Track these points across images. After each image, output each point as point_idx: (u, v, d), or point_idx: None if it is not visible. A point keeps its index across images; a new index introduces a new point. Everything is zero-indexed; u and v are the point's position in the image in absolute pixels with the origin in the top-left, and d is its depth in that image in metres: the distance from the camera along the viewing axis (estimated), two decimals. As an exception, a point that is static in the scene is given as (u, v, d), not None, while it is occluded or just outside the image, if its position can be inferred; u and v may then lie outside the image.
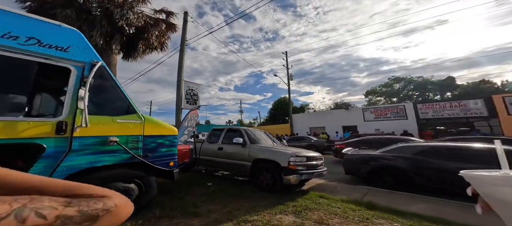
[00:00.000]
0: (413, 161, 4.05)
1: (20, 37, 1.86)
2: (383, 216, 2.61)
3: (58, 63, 2.06)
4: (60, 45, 2.07)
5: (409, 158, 4.14)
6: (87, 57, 2.22)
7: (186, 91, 8.69)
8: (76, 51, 2.16)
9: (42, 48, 1.97)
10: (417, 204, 3.12)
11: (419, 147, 4.28)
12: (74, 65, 2.14)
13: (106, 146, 2.22)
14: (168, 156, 2.80)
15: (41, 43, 1.96)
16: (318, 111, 29.06)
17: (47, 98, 2.77)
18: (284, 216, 2.62)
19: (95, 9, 6.87)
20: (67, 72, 2.11)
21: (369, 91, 37.36)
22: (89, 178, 2.16)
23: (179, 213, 2.63)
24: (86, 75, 2.12)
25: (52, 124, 1.97)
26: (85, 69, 2.17)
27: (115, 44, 6.87)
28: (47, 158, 1.89)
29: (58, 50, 2.05)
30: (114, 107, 2.41)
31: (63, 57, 2.08)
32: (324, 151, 12.03)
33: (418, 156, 4.08)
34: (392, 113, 16.76)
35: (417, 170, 3.95)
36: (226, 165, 4.71)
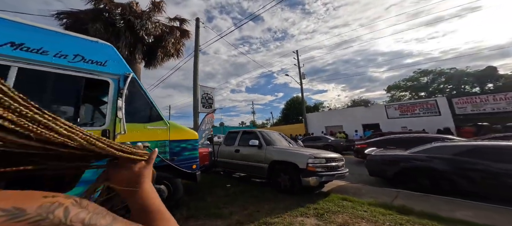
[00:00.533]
0: (454, 162, 3.60)
1: (69, 55, 2.06)
2: (421, 222, 2.33)
3: (99, 77, 2.26)
4: (100, 60, 2.26)
5: (449, 158, 3.68)
6: (121, 69, 2.40)
7: (202, 96, 8.99)
8: (112, 65, 2.34)
9: (86, 64, 2.16)
10: (462, 210, 2.74)
11: (462, 147, 3.78)
12: (112, 78, 2.33)
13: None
14: (191, 159, 2.92)
15: (85, 59, 2.16)
16: (334, 110, 27.86)
17: (92, 109, 3.10)
18: (306, 219, 2.50)
19: (119, 21, 7.51)
20: (106, 85, 2.31)
21: (392, 86, 34.63)
22: None
23: (203, 214, 2.69)
24: (121, 87, 2.30)
25: (99, 133, 2.15)
26: (120, 81, 2.36)
27: (138, 54, 7.45)
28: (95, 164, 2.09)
29: (99, 65, 2.24)
30: (144, 115, 2.58)
31: (103, 71, 2.27)
32: (343, 151, 11.41)
33: (461, 156, 3.61)
34: (421, 108, 15.31)
35: (460, 172, 3.49)
36: (243, 167, 4.72)
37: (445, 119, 13.93)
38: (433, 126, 13.26)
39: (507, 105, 12.16)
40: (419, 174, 3.91)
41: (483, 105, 12.98)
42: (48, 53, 1.93)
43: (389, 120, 16.46)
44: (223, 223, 2.42)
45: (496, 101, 12.58)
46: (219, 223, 2.42)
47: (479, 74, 27.65)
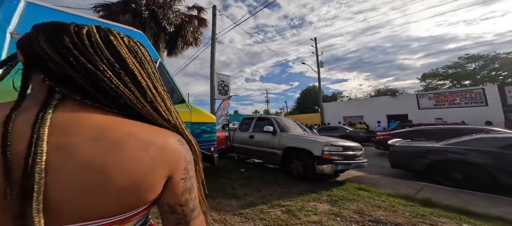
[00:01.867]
0: (498, 156, 3.15)
1: None
2: (447, 215, 2.14)
3: None
4: None
5: (492, 152, 3.23)
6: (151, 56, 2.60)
7: (218, 83, 9.22)
8: None
9: None
10: (500, 207, 2.43)
11: (508, 139, 3.28)
12: None
13: None
14: (209, 141, 3.09)
15: None
16: (354, 99, 26.03)
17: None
18: (319, 204, 2.50)
19: (144, 12, 7.99)
20: None
21: (428, 74, 30.60)
22: None
23: (220, 194, 2.87)
24: None
25: None
26: None
27: (161, 43, 7.96)
28: None
29: None
30: (170, 98, 2.78)
31: None
32: (362, 142, 10.77)
33: (508, 150, 3.14)
34: (463, 98, 13.38)
35: (505, 167, 3.05)
36: (257, 153, 4.82)
37: (493, 110, 12.00)
38: (476, 117, 11.57)
39: None
40: (453, 168, 3.53)
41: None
42: None
43: (420, 110, 14.83)
44: (238, 203, 2.55)
45: None
46: (234, 203, 2.56)
47: (546, 58, 22.63)
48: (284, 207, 2.37)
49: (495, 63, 25.90)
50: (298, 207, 2.34)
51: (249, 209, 2.32)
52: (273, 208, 2.36)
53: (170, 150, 0.35)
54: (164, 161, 0.33)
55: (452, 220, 2.03)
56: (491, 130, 5.31)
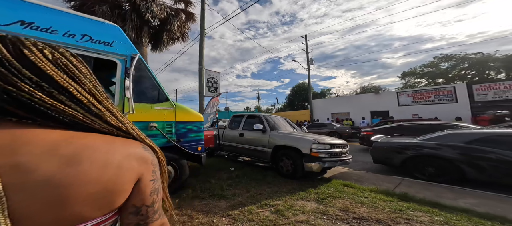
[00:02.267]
0: (465, 150, 3.47)
1: (77, 35, 2.08)
2: (421, 209, 2.33)
3: (107, 57, 2.29)
4: (107, 41, 2.28)
5: (460, 146, 3.55)
6: (128, 50, 2.42)
7: (207, 80, 8.99)
8: (119, 46, 2.36)
9: (94, 44, 2.19)
10: (467, 199, 2.70)
11: (475, 134, 3.61)
12: (119, 58, 2.36)
13: (148, 131, 2.48)
14: (196, 141, 3.00)
15: (92, 39, 2.18)
16: (342, 96, 27.05)
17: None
18: (307, 202, 2.58)
19: (125, 4, 7.38)
20: (113, 65, 2.35)
21: (407, 72, 32.68)
22: None
23: (208, 195, 2.83)
24: (128, 67, 2.34)
25: None
26: (127, 61, 2.39)
27: (144, 37, 7.43)
28: None
29: (106, 45, 2.27)
30: (151, 95, 2.64)
31: (110, 52, 2.30)
32: (348, 138, 11.30)
33: (473, 144, 3.46)
34: (437, 95, 14.48)
35: (471, 160, 3.38)
36: (247, 151, 4.82)
37: (462, 107, 13.18)
38: (447, 113, 12.64)
39: (535, 93, 11.22)
40: (426, 163, 3.83)
41: (507, 92, 12.04)
42: (57, 32, 1.95)
43: (400, 107, 15.82)
44: (226, 204, 2.54)
45: (523, 88, 11.62)
46: (222, 204, 2.54)
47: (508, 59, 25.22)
48: (273, 207, 2.41)
49: (464, 63, 28.33)
50: (287, 206, 2.40)
51: (238, 210, 2.33)
52: (262, 208, 2.39)
53: (135, 155, 0.36)
54: (131, 166, 0.35)
55: (425, 214, 2.22)
56: (460, 126, 5.84)
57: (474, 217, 2.16)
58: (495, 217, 2.14)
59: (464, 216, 2.18)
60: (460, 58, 28.93)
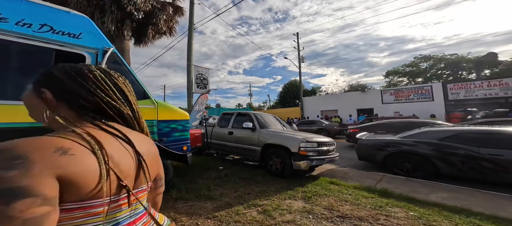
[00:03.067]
0: (438, 147, 3.74)
1: (34, 25, 1.89)
2: (398, 204, 2.49)
3: (72, 50, 2.10)
4: (73, 32, 2.10)
5: (434, 143, 3.82)
6: (99, 43, 2.25)
7: (196, 76, 8.74)
8: (88, 38, 2.19)
9: (56, 35, 2.00)
10: (438, 193, 2.93)
11: (447, 131, 3.90)
12: (88, 52, 2.18)
13: None
14: (181, 140, 2.90)
15: (54, 30, 1.99)
16: (331, 94, 27.86)
17: None
18: (294, 201, 2.63)
19: None
20: (81, 59, 2.16)
21: (391, 71, 34.40)
22: None
23: (194, 196, 2.77)
24: (99, 62, 2.17)
25: None
26: (98, 55, 2.21)
27: (126, 30, 6.95)
28: None
29: (71, 37, 2.08)
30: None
31: (76, 44, 2.11)
32: (336, 135, 11.71)
33: (445, 141, 3.74)
34: (416, 94, 15.43)
35: (443, 156, 3.65)
36: (236, 149, 4.79)
37: (438, 105, 14.19)
38: (425, 111, 13.55)
39: (500, 91, 12.35)
40: (404, 159, 4.08)
41: (476, 91, 13.15)
42: (7, 20, 1.76)
43: (383, 105, 16.66)
44: (212, 205, 2.51)
45: (490, 87, 12.74)
46: (209, 205, 2.51)
47: (478, 61, 27.46)
48: (260, 207, 2.43)
49: (441, 63, 30.44)
50: (274, 206, 2.43)
51: (224, 211, 2.31)
52: (249, 209, 2.40)
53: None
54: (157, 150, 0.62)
55: (402, 209, 2.37)
56: (436, 123, 6.27)
57: (444, 211, 2.34)
58: (462, 211, 2.34)
59: (435, 210, 2.36)
60: (437, 58, 31.07)
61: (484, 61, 26.96)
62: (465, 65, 28.54)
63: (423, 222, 2.08)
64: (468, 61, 28.37)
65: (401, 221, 2.09)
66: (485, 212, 2.32)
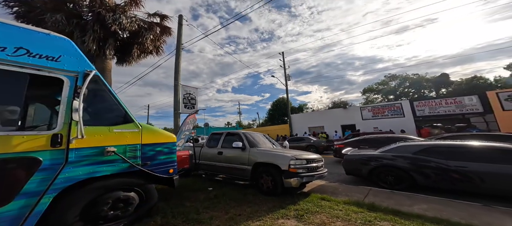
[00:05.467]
0: (413, 160, 4.06)
1: (8, 48, 1.81)
2: (386, 218, 2.59)
3: (50, 74, 2.01)
4: (51, 55, 2.02)
5: (409, 157, 4.15)
6: (80, 66, 2.18)
7: (183, 96, 8.62)
8: (68, 61, 2.12)
9: (32, 59, 1.91)
10: (420, 204, 3.12)
11: (419, 146, 4.29)
12: (67, 76, 2.10)
13: (104, 156, 2.19)
14: (167, 163, 2.78)
15: (30, 53, 1.91)
16: (317, 111, 29.17)
17: (41, 110, 2.71)
18: (287, 221, 2.59)
19: (86, 14, 6.75)
20: (60, 83, 2.07)
21: (367, 89, 37.64)
22: (89, 188, 2.13)
23: (181, 221, 2.59)
24: (79, 86, 2.09)
25: (47, 137, 1.92)
26: (78, 79, 2.13)
27: (109, 49, 6.72)
28: (43, 170, 1.85)
29: (49, 60, 2.01)
30: (110, 117, 2.38)
31: (54, 68, 2.03)
32: (324, 151, 12.03)
33: (419, 155, 4.09)
34: (390, 110, 16.88)
35: (418, 169, 3.96)
36: (227, 169, 4.67)
37: (408, 120, 15.61)
38: (399, 126, 14.78)
39: (456, 108, 14.11)
40: (386, 172, 4.33)
41: (438, 108, 14.86)
42: None
43: (363, 121, 17.81)
44: (203, 230, 2.36)
45: (448, 104, 14.51)
46: (199, 230, 2.36)
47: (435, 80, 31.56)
48: (254, 230, 2.34)
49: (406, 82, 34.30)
50: (267, 227, 2.36)
51: (215, 236, 2.18)
52: (243, 232, 2.29)
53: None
54: None
55: (389, 223, 2.48)
56: (409, 138, 6.86)
57: (427, 222, 2.49)
58: (442, 221, 2.51)
59: (419, 222, 2.50)
60: (402, 78, 35.04)
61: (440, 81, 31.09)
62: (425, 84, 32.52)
63: (410, 234, 2.17)
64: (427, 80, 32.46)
65: (390, 234, 2.16)
66: (461, 221, 2.51)
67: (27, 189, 1.76)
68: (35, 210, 1.78)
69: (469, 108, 13.68)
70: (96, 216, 2.15)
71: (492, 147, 3.64)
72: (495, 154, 3.50)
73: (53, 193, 1.87)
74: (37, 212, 1.79)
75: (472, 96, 13.79)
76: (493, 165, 3.36)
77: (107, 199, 2.22)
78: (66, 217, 1.98)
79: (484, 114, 13.12)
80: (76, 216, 2.03)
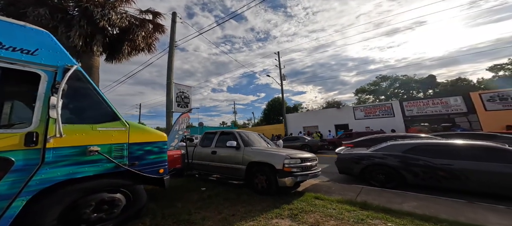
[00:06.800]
0: (403, 159, 4.17)
1: None
2: (377, 216, 2.64)
3: (24, 68, 1.89)
4: (27, 48, 1.90)
5: (399, 155, 4.25)
6: (60, 61, 2.06)
7: (176, 94, 8.44)
8: (46, 55, 2.00)
9: (5, 52, 1.79)
10: (410, 202, 3.20)
11: (408, 145, 4.41)
12: (44, 70, 1.98)
13: (86, 156, 2.08)
14: (157, 163, 2.69)
15: (2, 45, 1.79)
16: (311, 111, 29.50)
17: (15, 107, 2.52)
18: (281, 220, 2.58)
19: (72, 9, 6.45)
20: (36, 78, 1.94)
21: (359, 89, 38.50)
22: (69, 189, 2.01)
23: (172, 222, 2.51)
24: (58, 81, 1.96)
25: (20, 135, 1.79)
26: (57, 74, 2.02)
27: (97, 46, 6.46)
28: (16, 171, 1.73)
29: (24, 54, 1.88)
30: (93, 115, 2.25)
31: (30, 61, 1.91)
32: (318, 150, 12.18)
33: (408, 153, 4.20)
34: (381, 110, 17.35)
35: (407, 167, 4.07)
36: (220, 169, 4.60)
37: (398, 120, 16.13)
38: (389, 126, 15.22)
39: (442, 108, 14.73)
40: (377, 171, 4.42)
41: (425, 108, 15.45)
42: None
43: (356, 120, 18.21)
44: (195, 231, 2.30)
45: (435, 104, 15.13)
46: (190, 232, 2.30)
47: (422, 81, 32.79)
48: (247, 230, 2.31)
49: (396, 83, 35.41)
50: (261, 227, 2.33)
51: (208, 238, 2.13)
52: (236, 233, 2.26)
53: None
54: None
55: (381, 221, 2.52)
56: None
57: (416, 219, 2.56)
58: (430, 218, 2.59)
59: (409, 219, 2.56)
60: (393, 78, 36.12)
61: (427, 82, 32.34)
62: (414, 85, 33.73)
63: (400, 231, 2.22)
64: (415, 81, 33.67)
65: (382, 232, 2.19)
66: (449, 218, 2.59)
67: None
68: (6, 214, 1.66)
69: (454, 108, 14.31)
70: (78, 219, 2.04)
71: (476, 145, 3.80)
72: (478, 152, 3.65)
73: (26, 195, 1.75)
74: (8, 216, 1.67)
75: (457, 97, 14.43)
76: (477, 163, 3.50)
77: (90, 201, 2.11)
78: (42, 221, 1.86)
79: (467, 114, 13.77)
80: (53, 219, 1.91)
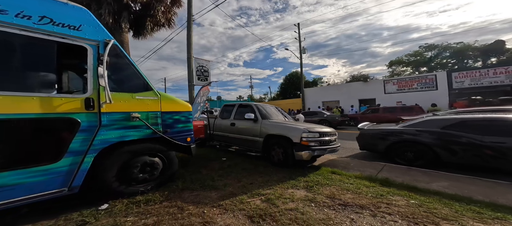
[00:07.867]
0: (440, 136, 3.73)
1: (33, 17, 1.89)
2: (399, 193, 2.53)
3: (74, 42, 2.11)
4: (73, 24, 2.10)
5: (436, 132, 3.80)
6: (100, 36, 2.26)
7: (196, 68, 8.71)
8: (88, 30, 2.20)
9: (56, 27, 2.01)
10: (440, 182, 2.96)
11: (451, 120, 3.86)
12: (89, 44, 2.20)
13: (130, 121, 2.39)
14: (185, 132, 2.94)
15: (54, 22, 2.00)
16: (332, 85, 27.55)
17: (72, 76, 2.95)
18: (296, 191, 2.69)
19: None
20: (84, 51, 2.18)
21: (394, 61, 33.65)
22: (121, 151, 2.38)
23: (199, 186, 2.83)
24: (101, 54, 2.19)
25: (81, 100, 2.12)
26: (99, 47, 2.23)
27: (124, 22, 6.90)
28: (83, 131, 2.09)
29: (72, 30, 2.09)
30: (131, 84, 2.51)
31: (77, 36, 2.12)
32: (338, 125, 11.70)
33: (448, 130, 3.72)
34: (420, 83, 15.19)
35: (445, 145, 3.65)
36: (239, 141, 4.84)
37: (441, 94, 14.00)
38: (428, 100, 13.37)
39: (506, 78, 12.09)
40: (407, 148, 4.09)
41: (482, 79, 12.90)
42: (7, 12, 1.77)
43: (386, 95, 16.46)
44: (217, 194, 2.57)
45: (496, 75, 12.47)
46: (214, 194, 2.58)
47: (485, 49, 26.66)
48: (264, 196, 2.49)
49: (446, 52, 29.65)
50: (277, 195, 2.48)
51: (229, 200, 2.37)
52: (253, 198, 2.46)
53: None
54: None
55: (403, 198, 2.41)
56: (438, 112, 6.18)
57: (445, 199, 2.37)
58: (463, 198, 2.37)
59: (436, 198, 2.39)
60: (442, 47, 30.24)
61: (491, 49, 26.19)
62: (471, 54, 27.77)
63: (424, 210, 2.11)
64: (474, 49, 27.56)
65: (402, 209, 2.12)
66: (485, 199, 2.35)
67: (72, 148, 2.03)
68: (82, 168, 2.08)
69: (522, 79, 11.63)
70: (129, 178, 2.45)
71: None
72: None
73: (93, 153, 2.14)
74: (83, 170, 2.09)
75: (529, 64, 11.54)
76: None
77: (136, 163, 2.48)
78: (106, 176, 2.29)
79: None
80: (113, 176, 2.34)
